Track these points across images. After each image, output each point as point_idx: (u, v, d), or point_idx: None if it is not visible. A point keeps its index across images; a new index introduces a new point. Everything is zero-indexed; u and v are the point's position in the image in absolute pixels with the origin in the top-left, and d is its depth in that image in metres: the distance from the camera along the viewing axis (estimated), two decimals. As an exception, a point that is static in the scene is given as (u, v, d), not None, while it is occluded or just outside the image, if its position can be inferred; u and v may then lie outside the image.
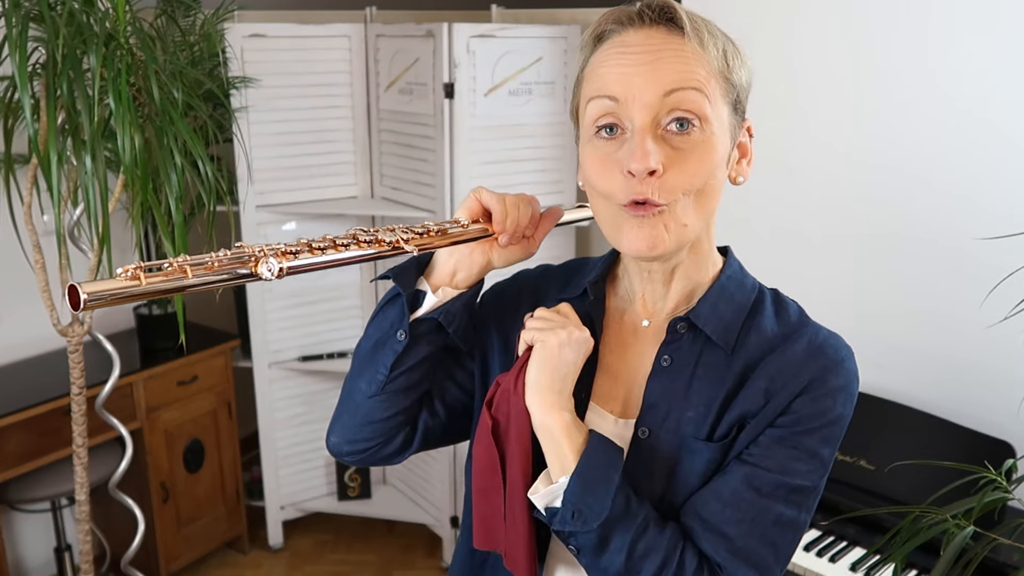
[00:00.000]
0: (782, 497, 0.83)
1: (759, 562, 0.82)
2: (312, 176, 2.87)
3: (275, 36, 2.70)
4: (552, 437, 0.83)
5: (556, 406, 0.83)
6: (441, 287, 0.90)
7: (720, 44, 0.82)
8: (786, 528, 0.83)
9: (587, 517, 0.80)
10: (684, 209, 0.81)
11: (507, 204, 0.88)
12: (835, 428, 0.84)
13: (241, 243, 0.74)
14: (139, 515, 2.37)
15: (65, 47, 1.68)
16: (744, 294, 0.90)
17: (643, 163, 0.77)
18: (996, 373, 1.94)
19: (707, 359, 0.87)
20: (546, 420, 0.83)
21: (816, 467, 0.84)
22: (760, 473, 0.82)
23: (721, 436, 0.85)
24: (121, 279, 0.66)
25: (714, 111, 0.80)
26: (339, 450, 0.97)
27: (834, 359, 0.85)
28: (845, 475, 1.96)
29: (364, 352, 0.92)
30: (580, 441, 0.83)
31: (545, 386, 0.84)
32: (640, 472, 0.86)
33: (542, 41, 2.65)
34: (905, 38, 2.00)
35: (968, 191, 1.95)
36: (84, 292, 0.63)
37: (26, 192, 1.97)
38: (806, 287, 2.08)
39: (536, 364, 0.84)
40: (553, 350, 0.84)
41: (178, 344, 2.03)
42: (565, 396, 0.85)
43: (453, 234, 0.85)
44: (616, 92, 0.80)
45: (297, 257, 0.74)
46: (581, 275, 0.97)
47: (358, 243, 0.79)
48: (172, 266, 0.68)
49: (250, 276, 0.72)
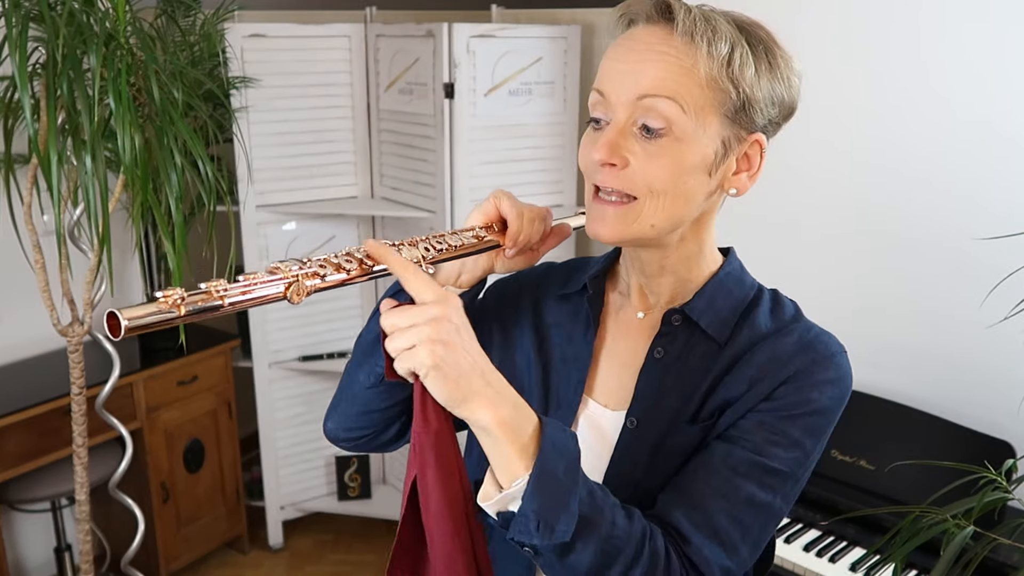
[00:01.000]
0: (756, 477, 0.81)
1: (725, 538, 0.80)
2: (312, 176, 2.87)
3: (275, 36, 2.70)
4: (493, 438, 0.73)
5: (485, 404, 0.72)
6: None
7: (725, 48, 0.79)
8: (758, 510, 0.82)
9: (554, 528, 0.71)
10: (653, 209, 0.82)
11: (524, 220, 0.88)
12: (819, 419, 0.84)
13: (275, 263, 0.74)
14: (139, 515, 2.37)
15: (65, 47, 1.68)
16: (742, 291, 0.91)
17: (599, 153, 0.81)
18: (996, 373, 1.94)
19: (699, 351, 0.88)
20: (481, 420, 0.72)
21: (796, 455, 0.83)
22: (736, 451, 0.82)
23: (705, 418, 0.86)
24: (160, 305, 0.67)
25: (693, 120, 0.79)
26: (335, 436, 1.00)
27: (824, 354, 0.86)
28: (845, 475, 1.96)
29: (365, 344, 0.93)
30: (527, 438, 0.73)
31: (461, 398, 0.72)
32: (627, 461, 0.87)
33: (542, 41, 2.65)
34: (905, 38, 2.00)
35: (968, 191, 1.95)
36: (125, 319, 0.65)
37: (26, 192, 1.97)
38: (806, 286, 2.08)
39: (436, 390, 0.72)
40: (440, 366, 0.71)
41: (178, 344, 2.04)
42: (493, 389, 0.73)
43: (468, 246, 0.86)
44: (604, 88, 0.83)
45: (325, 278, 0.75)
46: (582, 272, 0.98)
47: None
48: (210, 292, 0.69)
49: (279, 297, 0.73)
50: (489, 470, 0.75)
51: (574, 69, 2.71)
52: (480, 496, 0.76)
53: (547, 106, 2.70)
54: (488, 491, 0.75)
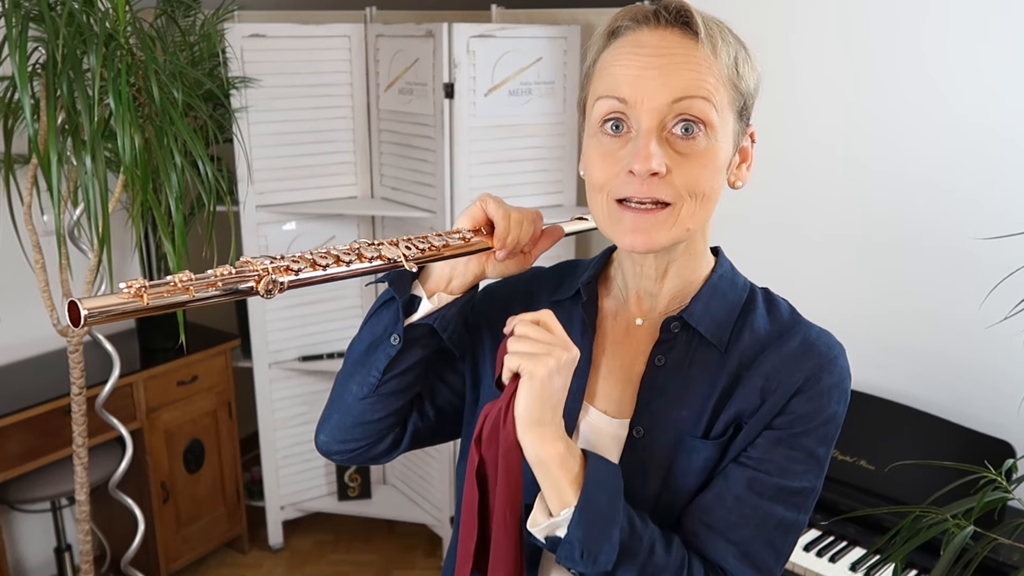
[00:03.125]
0: (783, 500, 0.84)
1: (762, 565, 0.84)
2: (312, 176, 2.87)
3: (275, 36, 2.70)
4: (548, 470, 0.79)
5: (549, 438, 0.79)
6: (436, 293, 0.90)
7: (732, 51, 0.81)
8: (788, 530, 0.85)
9: (597, 557, 0.77)
10: (689, 212, 0.81)
11: (511, 221, 0.88)
12: (830, 427, 0.85)
13: (245, 258, 0.74)
14: (139, 515, 2.37)
15: (65, 47, 1.68)
16: (736, 293, 0.91)
17: (646, 164, 0.78)
18: (996, 373, 1.94)
19: (701, 358, 0.88)
20: (540, 454, 0.79)
21: (813, 467, 0.85)
22: (761, 477, 0.84)
23: (718, 434, 0.86)
24: (122, 295, 0.65)
25: (720, 118, 0.81)
26: (328, 449, 0.98)
27: (827, 356, 0.86)
28: (845, 475, 1.96)
29: (357, 354, 0.93)
30: (577, 471, 0.80)
31: (536, 420, 0.79)
32: (635, 471, 0.87)
33: (542, 41, 2.65)
34: (905, 39, 2.00)
35: (969, 192, 1.95)
36: (84, 308, 0.63)
37: (26, 192, 1.97)
38: (807, 287, 2.09)
39: (525, 397, 0.79)
40: (544, 382, 0.78)
41: (178, 344, 2.04)
42: (557, 424, 0.81)
43: (454, 247, 0.85)
44: (626, 94, 0.80)
45: (299, 273, 0.74)
46: (573, 276, 0.97)
47: (360, 258, 0.79)
48: (174, 283, 0.68)
49: (251, 292, 0.72)
50: (540, 496, 0.82)
51: (574, 69, 2.71)
52: (529, 522, 0.82)
53: (547, 106, 2.70)
54: (536, 517, 0.81)
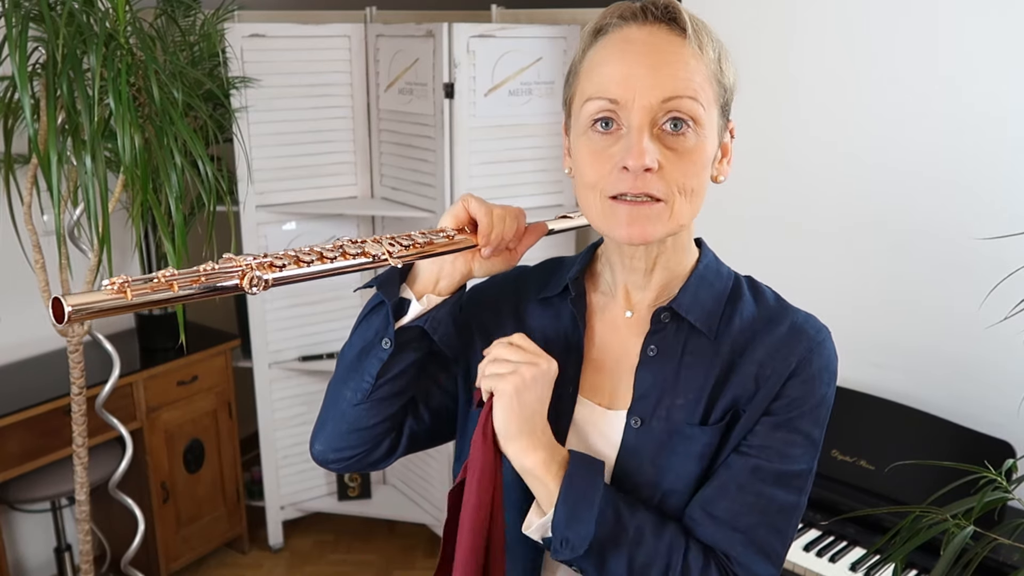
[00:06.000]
0: (784, 484, 0.86)
1: (771, 551, 0.86)
2: (312, 176, 2.87)
3: (275, 36, 2.70)
4: (533, 476, 0.84)
5: (530, 448, 0.84)
6: (425, 295, 0.91)
7: (716, 48, 0.84)
8: (790, 514, 0.87)
9: (574, 544, 0.81)
10: (681, 207, 0.83)
11: (494, 217, 0.88)
12: (823, 409, 0.88)
13: (229, 254, 0.74)
14: (139, 515, 2.37)
15: (65, 47, 1.68)
16: (722, 282, 0.92)
17: (640, 160, 0.79)
18: (996, 373, 1.94)
19: (692, 346, 0.89)
20: (524, 463, 0.84)
21: (810, 449, 0.87)
22: (763, 464, 0.86)
23: (716, 420, 0.87)
24: (107, 292, 0.65)
25: (707, 115, 0.83)
26: (324, 458, 0.97)
27: (816, 339, 0.88)
28: (845, 475, 1.96)
29: (349, 360, 0.92)
30: (558, 470, 0.84)
31: (514, 433, 0.84)
32: (635, 461, 0.88)
33: (542, 41, 2.65)
34: (906, 35, 2.00)
35: (969, 190, 1.95)
36: (68, 305, 0.63)
37: (26, 192, 1.97)
38: (807, 285, 2.09)
39: (500, 413, 0.84)
40: (512, 398, 0.83)
41: (178, 344, 2.04)
42: (538, 434, 0.85)
43: (438, 244, 0.85)
44: (616, 95, 0.81)
45: (283, 270, 0.74)
46: (559, 273, 0.98)
47: (344, 255, 0.79)
48: (158, 279, 0.68)
49: (236, 289, 0.72)
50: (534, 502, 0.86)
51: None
52: (524, 525, 0.86)
53: (547, 106, 2.70)
54: (530, 519, 0.86)
